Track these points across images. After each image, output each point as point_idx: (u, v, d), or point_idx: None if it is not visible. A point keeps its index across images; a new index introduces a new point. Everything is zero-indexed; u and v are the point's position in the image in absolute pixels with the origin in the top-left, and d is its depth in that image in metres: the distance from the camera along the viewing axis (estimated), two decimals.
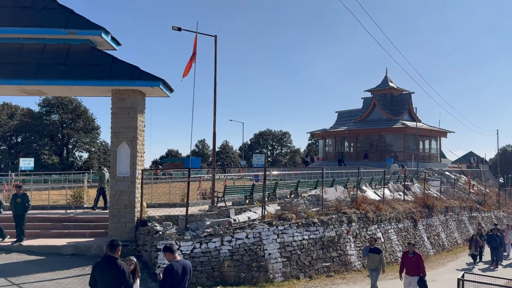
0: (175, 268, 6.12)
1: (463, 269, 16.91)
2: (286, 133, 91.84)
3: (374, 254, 11.88)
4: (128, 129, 13.37)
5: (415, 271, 11.05)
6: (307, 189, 20.42)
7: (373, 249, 12.06)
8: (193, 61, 15.65)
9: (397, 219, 19.20)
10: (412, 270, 11.10)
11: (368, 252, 12.06)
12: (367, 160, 41.54)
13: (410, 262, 11.20)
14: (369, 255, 11.99)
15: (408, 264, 11.21)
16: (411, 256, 11.26)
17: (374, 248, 12.07)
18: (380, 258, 11.85)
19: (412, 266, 11.12)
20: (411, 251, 11.34)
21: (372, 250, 12.01)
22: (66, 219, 15.00)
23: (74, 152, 60.43)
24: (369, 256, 12.00)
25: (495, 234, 18.96)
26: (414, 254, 11.26)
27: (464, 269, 16.73)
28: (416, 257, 11.18)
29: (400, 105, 44.32)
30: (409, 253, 11.36)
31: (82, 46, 13.50)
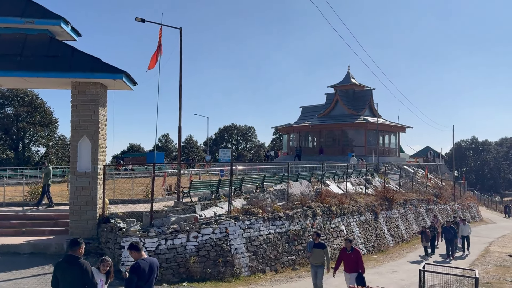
0: (142, 266, 5.98)
1: (415, 261, 17.40)
2: (251, 127, 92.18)
3: (319, 249, 11.12)
4: (89, 123, 12.93)
5: (354, 268, 10.55)
6: (273, 184, 20.58)
7: (317, 244, 11.27)
8: (159, 54, 15.32)
9: (359, 212, 19.71)
10: (351, 267, 10.60)
11: (312, 247, 11.26)
12: (322, 155, 42.50)
13: (348, 258, 10.66)
14: (314, 251, 11.19)
15: (347, 261, 10.68)
16: (349, 253, 10.70)
17: (319, 243, 11.29)
18: (325, 254, 11.08)
19: (350, 263, 10.61)
20: (349, 248, 10.78)
21: (316, 245, 11.23)
22: (23, 217, 14.37)
23: (30, 147, 57.95)
24: (314, 251, 11.19)
25: (449, 227, 19.07)
26: (353, 250, 10.75)
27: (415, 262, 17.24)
28: (354, 253, 10.67)
29: (361, 101, 45.42)
30: (347, 249, 10.78)
31: (40, 36, 12.91)
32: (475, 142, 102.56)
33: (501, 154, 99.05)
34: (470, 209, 36.94)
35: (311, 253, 11.22)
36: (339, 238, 17.45)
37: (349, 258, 10.63)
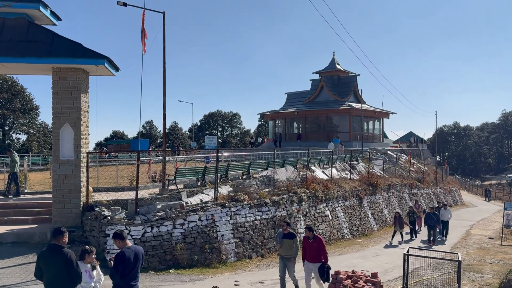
0: (127, 255, 5.92)
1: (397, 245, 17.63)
2: (236, 114, 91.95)
3: (288, 240, 9.98)
4: (71, 110, 12.65)
5: (316, 257, 9.67)
6: (259, 170, 20.59)
7: (287, 234, 10.11)
8: (145, 37, 15.08)
9: (344, 197, 19.92)
10: (313, 256, 9.70)
11: (282, 238, 10.11)
12: (299, 141, 42.91)
13: (311, 247, 9.74)
14: (283, 242, 10.04)
15: (309, 250, 9.76)
16: (311, 241, 9.77)
17: (288, 233, 10.11)
18: (294, 244, 9.96)
19: (313, 252, 9.70)
20: (311, 236, 9.83)
21: (286, 236, 10.07)
22: (5, 206, 14.09)
23: (11, 134, 56.74)
24: (283, 243, 10.03)
25: (432, 213, 18.82)
26: (315, 238, 9.82)
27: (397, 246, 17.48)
28: (317, 241, 9.75)
29: (346, 87, 45.58)
30: (309, 238, 9.84)
31: (18, 21, 12.50)
32: (457, 127, 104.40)
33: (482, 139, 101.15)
34: (452, 193, 37.72)
35: (281, 245, 10.15)
36: (324, 223, 17.64)
37: (311, 246, 9.75)
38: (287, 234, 10.08)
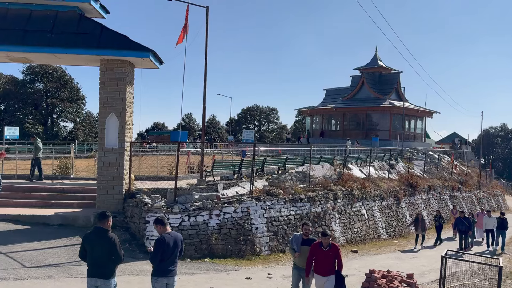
0: (167, 240, 6.17)
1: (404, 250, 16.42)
2: (274, 109, 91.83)
3: (308, 247, 8.07)
4: (117, 100, 13.17)
5: (330, 269, 7.96)
6: (295, 166, 20.61)
7: (307, 240, 8.19)
8: (185, 32, 15.36)
9: (381, 196, 19.58)
10: (328, 268, 7.94)
11: (301, 245, 8.20)
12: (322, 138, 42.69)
13: (325, 257, 7.89)
14: (302, 249, 8.14)
15: (322, 261, 7.90)
16: (326, 250, 7.88)
17: (310, 240, 8.21)
18: None
19: (327, 263, 7.92)
20: (326, 244, 7.91)
21: (306, 242, 8.17)
22: (53, 189, 14.89)
23: (59, 122, 59.56)
24: (302, 250, 8.14)
25: (463, 218, 17.62)
26: (331, 246, 7.95)
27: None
28: (333, 250, 7.95)
29: (388, 84, 44.53)
30: (323, 246, 7.90)
31: (70, 13, 13.10)
32: (504, 129, 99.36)
33: None
34: (495, 198, 36.11)
35: (300, 253, 8.16)
36: (360, 222, 17.44)
37: (325, 256, 7.88)
38: (307, 240, 8.18)
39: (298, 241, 8.27)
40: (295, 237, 8.46)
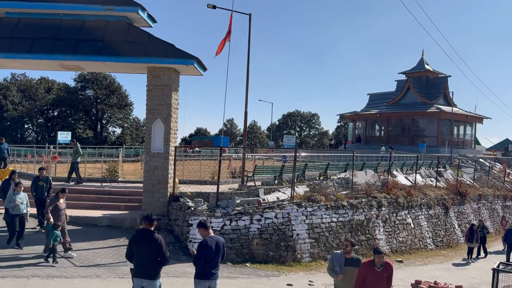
0: (209, 243, 6.26)
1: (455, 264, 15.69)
2: (315, 114, 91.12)
3: (353, 268, 7.07)
4: (163, 106, 13.58)
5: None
6: (337, 172, 20.31)
7: (351, 260, 7.22)
8: (227, 40, 15.61)
9: (428, 205, 18.88)
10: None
11: (344, 265, 7.18)
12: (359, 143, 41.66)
13: (378, 280, 6.81)
14: (346, 270, 7.13)
15: (375, 284, 6.80)
16: (379, 270, 6.81)
17: (353, 259, 7.26)
18: None
19: (380, 286, 6.86)
20: (380, 263, 6.83)
21: (349, 262, 7.19)
22: (101, 192, 15.53)
23: (107, 127, 62.15)
24: (346, 271, 7.12)
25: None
26: (385, 266, 6.89)
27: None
28: (387, 270, 6.90)
29: (435, 89, 42.94)
30: (376, 266, 6.82)
31: (119, 23, 13.69)
32: None
33: None
34: None
35: (343, 275, 7.12)
36: (405, 231, 16.88)
37: (378, 278, 6.79)
38: (351, 259, 7.21)
39: (340, 261, 7.21)
40: (336, 256, 7.35)
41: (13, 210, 10.44)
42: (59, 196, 10.31)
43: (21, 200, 10.58)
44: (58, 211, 10.05)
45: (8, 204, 10.53)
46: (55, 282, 8.62)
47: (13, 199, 10.49)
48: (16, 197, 10.50)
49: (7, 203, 10.56)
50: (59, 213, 10.05)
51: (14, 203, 10.42)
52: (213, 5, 16.05)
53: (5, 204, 10.67)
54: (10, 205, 10.48)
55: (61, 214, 10.13)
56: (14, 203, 10.42)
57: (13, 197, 10.52)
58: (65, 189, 10.73)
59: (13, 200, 10.46)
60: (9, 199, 10.57)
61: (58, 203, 10.15)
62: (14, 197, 10.52)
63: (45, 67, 16.55)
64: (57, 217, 9.97)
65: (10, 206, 10.47)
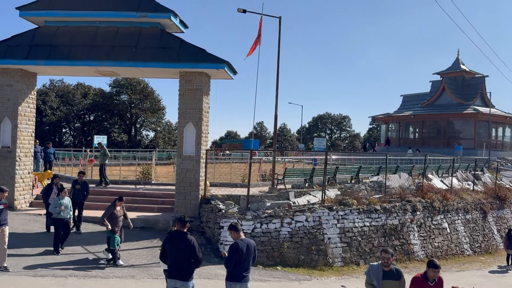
0: (240, 246, 6.29)
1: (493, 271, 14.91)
2: (346, 117, 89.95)
3: (393, 282, 6.47)
4: (194, 110, 13.79)
5: None
6: (369, 175, 19.97)
7: (390, 272, 6.51)
8: (258, 43, 15.69)
9: (465, 209, 18.24)
10: None
11: (382, 278, 6.48)
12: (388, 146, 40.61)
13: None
14: (384, 284, 6.46)
15: None
16: (433, 285, 6.28)
17: (393, 271, 6.54)
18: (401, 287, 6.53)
19: None
20: (432, 277, 6.25)
21: (388, 275, 6.49)
22: (135, 194, 15.92)
23: (141, 131, 63.64)
24: (384, 285, 6.46)
25: None
26: (437, 281, 6.32)
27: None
28: (439, 285, 6.34)
29: (472, 89, 41.57)
30: (429, 280, 6.26)
31: (152, 29, 14.03)
32: None
33: None
34: None
35: None
36: (441, 236, 16.37)
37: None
38: (390, 272, 6.51)
39: (378, 274, 6.48)
40: (373, 268, 6.63)
41: (58, 215, 10.56)
42: (116, 204, 10.41)
43: (65, 205, 10.72)
44: (114, 218, 10.17)
45: (53, 209, 10.63)
46: (92, 282, 8.89)
47: (59, 204, 10.58)
48: (61, 202, 10.63)
49: (53, 208, 10.67)
50: (115, 220, 10.17)
51: (59, 208, 10.52)
52: (243, 9, 16.18)
53: (51, 209, 10.82)
54: (55, 210, 10.58)
55: (118, 221, 10.25)
56: (59, 208, 10.52)
57: (58, 202, 10.61)
58: (122, 197, 10.82)
59: (59, 205, 10.55)
60: (55, 204, 10.65)
61: (114, 211, 10.25)
62: (59, 202, 10.61)
63: (82, 73, 17.17)
64: (114, 224, 10.12)
65: (56, 211, 10.56)
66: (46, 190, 12.35)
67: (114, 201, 10.52)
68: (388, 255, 6.58)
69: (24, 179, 15.01)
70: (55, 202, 10.73)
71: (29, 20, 14.64)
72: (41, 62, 13.85)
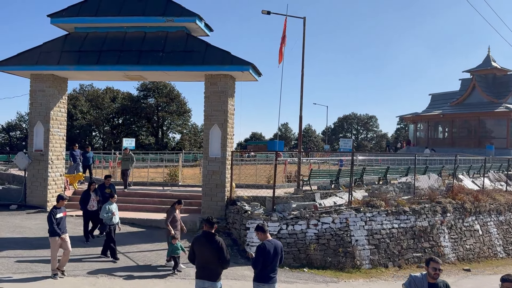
0: (267, 247, 6.30)
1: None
2: (373, 117, 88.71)
3: None
4: (219, 112, 13.90)
5: None
6: (397, 176, 19.62)
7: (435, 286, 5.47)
8: (283, 45, 15.70)
9: (498, 211, 17.67)
10: None
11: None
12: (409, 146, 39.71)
13: None
14: None
15: None
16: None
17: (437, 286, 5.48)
18: None
19: None
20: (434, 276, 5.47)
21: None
22: (163, 195, 16.18)
23: (168, 133, 64.63)
24: None
25: None
26: None
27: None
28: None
29: (504, 87, 40.21)
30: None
31: (178, 33, 14.24)
32: None
33: None
34: None
35: None
36: (473, 238, 15.90)
37: None
38: (437, 286, 5.47)
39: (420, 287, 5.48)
40: (416, 280, 5.52)
41: (110, 221, 10.46)
42: (175, 207, 10.51)
43: (115, 210, 10.64)
44: (175, 221, 10.30)
45: (105, 216, 10.46)
46: (120, 281, 9.09)
47: (110, 210, 10.46)
48: (111, 208, 10.52)
49: (104, 214, 10.48)
50: (175, 224, 10.29)
51: (111, 214, 10.42)
52: (267, 11, 16.23)
53: (102, 215, 10.60)
54: (107, 216, 10.43)
55: (177, 224, 10.37)
56: (111, 214, 10.42)
57: (110, 208, 10.49)
58: (181, 200, 10.92)
59: (110, 211, 10.43)
60: (106, 211, 10.47)
61: (175, 214, 10.35)
62: (110, 207, 10.51)
63: (110, 78, 17.61)
64: (174, 227, 10.23)
65: (108, 217, 10.44)
66: (83, 197, 12.10)
67: (173, 204, 10.58)
68: (439, 265, 5.39)
69: (56, 181, 15.51)
70: (105, 208, 10.53)
71: (59, 27, 15.12)
72: (71, 68, 14.29)
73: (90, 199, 11.92)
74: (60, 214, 8.98)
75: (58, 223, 8.89)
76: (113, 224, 10.55)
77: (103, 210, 10.58)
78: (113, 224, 10.55)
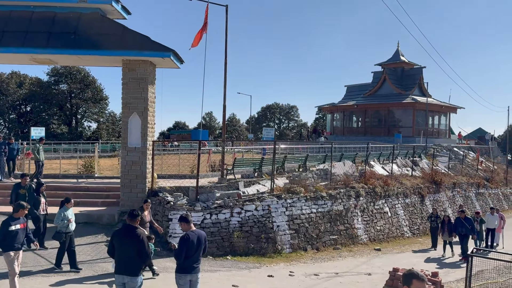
0: (191, 237, 6.22)
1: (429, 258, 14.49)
2: (294, 107, 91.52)
3: None
4: (139, 100, 13.36)
5: None
6: (316, 163, 20.48)
7: None
8: (204, 32, 15.39)
9: (404, 194, 19.30)
10: None
11: None
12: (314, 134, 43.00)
13: None
14: None
15: None
16: None
17: None
18: None
19: None
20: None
21: None
22: (78, 188, 15.24)
23: (83, 122, 60.84)
24: None
25: (463, 218, 14.65)
26: None
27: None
28: None
29: (410, 80, 43.71)
30: None
31: (93, 15, 13.35)
32: None
33: None
34: None
35: None
36: (383, 220, 17.22)
37: None
38: None
39: None
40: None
41: (66, 228, 9.24)
42: (143, 207, 9.84)
43: (72, 217, 9.40)
44: (143, 223, 9.42)
45: (60, 223, 9.21)
46: (30, 281, 8.43)
47: (66, 217, 9.24)
48: (67, 214, 9.29)
49: (58, 221, 9.20)
50: (144, 226, 9.43)
51: (67, 221, 9.22)
52: None
53: (56, 222, 9.26)
54: (63, 223, 9.21)
55: (145, 226, 9.61)
56: (67, 221, 9.22)
57: (65, 214, 9.26)
58: (148, 199, 10.31)
59: (67, 218, 9.22)
60: (61, 217, 9.20)
61: (142, 216, 9.47)
62: (66, 213, 9.27)
63: (15, 61, 16.00)
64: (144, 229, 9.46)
65: (63, 224, 9.21)
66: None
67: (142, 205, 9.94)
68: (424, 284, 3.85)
69: None
70: (60, 215, 9.25)
71: None
72: None
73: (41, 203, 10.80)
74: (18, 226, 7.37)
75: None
76: (70, 232, 9.35)
77: (58, 216, 9.26)
78: (70, 232, 9.35)
